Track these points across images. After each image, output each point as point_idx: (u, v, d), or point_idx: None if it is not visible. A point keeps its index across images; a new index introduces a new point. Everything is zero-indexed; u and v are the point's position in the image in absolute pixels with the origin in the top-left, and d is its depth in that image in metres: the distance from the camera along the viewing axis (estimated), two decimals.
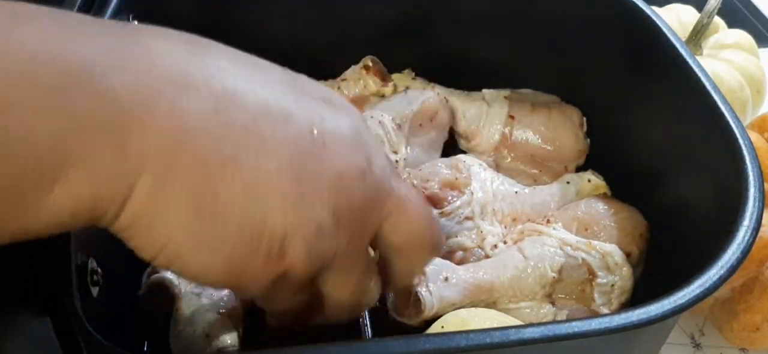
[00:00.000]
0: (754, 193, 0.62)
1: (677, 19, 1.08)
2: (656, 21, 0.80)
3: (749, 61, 1.02)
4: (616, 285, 0.74)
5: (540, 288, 0.74)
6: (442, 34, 0.97)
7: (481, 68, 0.99)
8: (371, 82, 0.97)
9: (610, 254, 0.75)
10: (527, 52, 0.96)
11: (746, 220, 0.60)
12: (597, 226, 0.78)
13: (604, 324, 0.54)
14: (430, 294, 0.69)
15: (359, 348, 0.52)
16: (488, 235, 0.80)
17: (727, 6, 1.07)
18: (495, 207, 0.83)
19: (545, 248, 0.76)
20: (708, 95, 0.71)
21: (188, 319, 0.66)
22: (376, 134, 0.89)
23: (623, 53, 0.86)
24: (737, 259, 0.58)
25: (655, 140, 0.82)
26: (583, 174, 0.89)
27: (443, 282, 0.71)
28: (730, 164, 0.66)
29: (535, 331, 0.53)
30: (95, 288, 0.59)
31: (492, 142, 0.94)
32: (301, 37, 0.97)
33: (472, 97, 0.98)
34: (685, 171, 0.75)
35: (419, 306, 0.69)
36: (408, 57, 1.01)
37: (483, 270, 0.74)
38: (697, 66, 0.74)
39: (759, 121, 0.90)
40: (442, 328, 0.68)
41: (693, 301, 0.55)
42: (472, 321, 0.69)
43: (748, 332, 0.80)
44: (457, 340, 0.52)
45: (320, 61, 1.00)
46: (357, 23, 0.97)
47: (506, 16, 0.94)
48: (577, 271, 0.75)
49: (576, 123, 0.93)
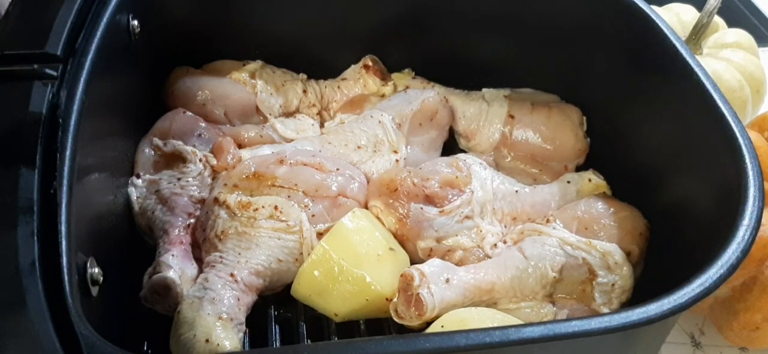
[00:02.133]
0: (754, 193, 0.62)
1: (677, 18, 1.08)
2: (656, 20, 0.80)
3: (749, 60, 1.02)
4: (616, 284, 0.74)
5: (541, 288, 0.74)
6: (442, 34, 0.97)
7: (481, 68, 0.99)
8: (371, 82, 0.97)
9: (610, 253, 0.75)
10: (527, 52, 0.96)
11: (746, 220, 0.60)
12: (597, 226, 0.78)
13: (603, 323, 0.54)
14: (432, 295, 0.69)
15: (359, 347, 0.52)
16: (488, 234, 0.80)
17: (727, 5, 1.07)
18: (495, 206, 0.83)
19: (546, 248, 0.76)
20: (708, 95, 0.71)
21: (189, 324, 0.66)
22: (375, 134, 0.90)
23: (623, 53, 0.86)
24: (737, 259, 0.58)
25: (655, 139, 0.82)
26: (583, 173, 0.89)
27: (444, 283, 0.71)
28: (730, 163, 0.66)
29: (535, 330, 0.53)
30: (95, 288, 0.59)
31: (492, 142, 0.94)
32: (302, 37, 0.97)
33: (472, 96, 0.98)
34: (685, 170, 0.75)
35: (421, 307, 0.69)
36: (408, 57, 1.01)
37: (484, 271, 0.74)
38: (697, 65, 0.74)
39: (759, 121, 0.90)
40: (441, 327, 0.69)
41: (693, 301, 0.55)
42: (471, 320, 0.69)
43: (748, 331, 0.80)
44: (457, 340, 0.52)
45: (320, 61, 1.00)
46: (357, 23, 0.97)
47: (506, 15, 0.94)
48: (577, 271, 0.75)
49: (576, 122, 0.93)
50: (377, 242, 0.76)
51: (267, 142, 0.89)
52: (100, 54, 0.68)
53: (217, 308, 0.68)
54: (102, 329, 0.51)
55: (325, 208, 0.78)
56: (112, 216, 0.73)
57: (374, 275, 0.73)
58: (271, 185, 0.78)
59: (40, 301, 0.50)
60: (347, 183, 0.81)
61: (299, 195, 0.78)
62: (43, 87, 0.62)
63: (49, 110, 0.61)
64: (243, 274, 0.72)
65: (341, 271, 0.73)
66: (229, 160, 0.83)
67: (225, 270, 0.72)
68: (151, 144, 0.83)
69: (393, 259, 0.76)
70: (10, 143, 0.59)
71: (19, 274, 0.51)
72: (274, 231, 0.75)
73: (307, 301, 0.75)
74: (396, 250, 0.78)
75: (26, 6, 0.70)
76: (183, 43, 0.93)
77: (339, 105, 0.98)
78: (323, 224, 0.78)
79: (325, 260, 0.74)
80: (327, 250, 0.74)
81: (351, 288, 0.73)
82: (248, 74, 0.94)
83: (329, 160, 0.83)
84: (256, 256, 0.74)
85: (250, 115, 0.94)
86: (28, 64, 0.64)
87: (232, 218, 0.76)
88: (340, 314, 0.74)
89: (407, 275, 0.71)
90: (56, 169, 0.57)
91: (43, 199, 0.56)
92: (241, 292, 0.71)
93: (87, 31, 0.70)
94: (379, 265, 0.74)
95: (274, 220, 0.76)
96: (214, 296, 0.69)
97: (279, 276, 0.75)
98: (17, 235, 0.53)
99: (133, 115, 0.84)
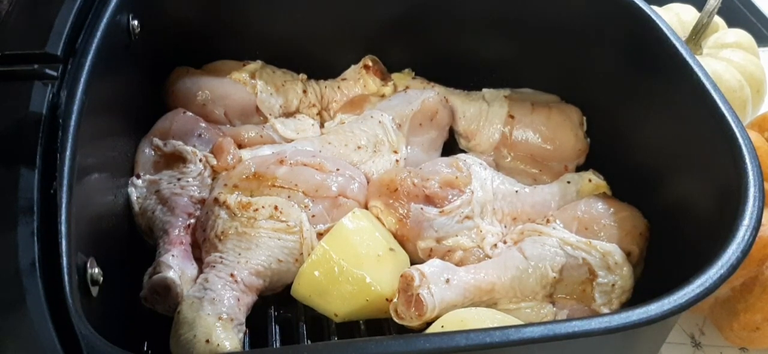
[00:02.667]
0: (754, 193, 0.62)
1: (677, 18, 1.08)
2: (656, 20, 0.80)
3: (749, 60, 1.02)
4: (616, 285, 0.74)
5: (541, 288, 0.74)
6: (442, 34, 0.97)
7: (481, 68, 0.99)
8: (371, 82, 0.97)
9: (610, 253, 0.75)
10: (527, 52, 0.96)
11: (746, 220, 0.60)
12: (597, 226, 0.78)
13: (603, 323, 0.54)
14: (432, 296, 0.69)
15: (359, 347, 0.52)
16: (488, 234, 0.80)
17: (727, 5, 1.07)
18: (495, 206, 0.83)
19: (546, 248, 0.76)
20: (708, 95, 0.71)
21: (189, 324, 0.66)
22: (376, 134, 0.90)
23: (623, 53, 0.86)
24: (737, 259, 0.58)
25: (655, 139, 0.82)
26: (583, 174, 0.89)
27: (444, 284, 0.71)
28: (730, 164, 0.66)
29: (535, 330, 0.53)
30: (95, 288, 0.59)
31: (492, 142, 0.94)
32: (302, 37, 0.97)
33: (472, 96, 0.98)
34: (685, 170, 0.75)
35: (421, 308, 0.69)
36: (408, 57, 1.01)
37: (484, 271, 0.74)
38: (697, 65, 0.74)
39: (759, 121, 0.89)
40: (441, 327, 0.69)
41: (693, 301, 0.55)
42: (471, 320, 0.69)
43: (748, 332, 0.80)
44: (457, 340, 0.52)
45: (320, 61, 1.00)
46: (357, 23, 0.97)
47: (506, 16, 0.94)
48: (577, 271, 0.75)
49: (576, 122, 0.93)
50: (377, 242, 0.76)
51: (267, 143, 0.89)
52: (101, 54, 0.68)
53: (218, 308, 0.68)
54: (102, 329, 0.51)
55: (325, 209, 0.78)
56: (112, 216, 0.73)
57: (374, 276, 0.73)
58: (271, 185, 0.78)
59: (40, 301, 0.50)
60: (347, 183, 0.81)
61: (299, 195, 0.78)
62: (44, 87, 0.63)
63: (49, 110, 0.61)
64: (243, 275, 0.72)
65: (341, 272, 0.73)
66: (230, 160, 0.83)
67: (225, 270, 0.72)
68: (151, 144, 0.83)
69: (393, 259, 0.76)
70: (10, 143, 0.59)
71: (19, 274, 0.51)
72: (274, 231, 0.75)
73: (307, 301, 0.75)
74: (396, 250, 0.78)
75: (26, 6, 0.70)
76: (183, 43, 0.93)
77: (339, 105, 0.98)
78: (323, 225, 0.78)
79: (326, 260, 0.74)
80: (327, 250, 0.74)
81: (351, 288, 0.73)
82: (248, 74, 0.94)
83: (329, 161, 0.83)
84: (256, 256, 0.74)
85: (250, 116, 0.94)
86: (28, 64, 0.64)
87: (232, 218, 0.76)
88: (340, 315, 0.74)
89: (407, 275, 0.71)
90: (56, 169, 0.57)
91: (43, 199, 0.56)
92: (241, 293, 0.71)
93: (87, 32, 0.70)
94: (380, 266, 0.74)
95: (274, 221, 0.76)
96: (215, 296, 0.69)
97: (279, 276, 0.75)
98: (17, 235, 0.53)
99: (133, 115, 0.84)
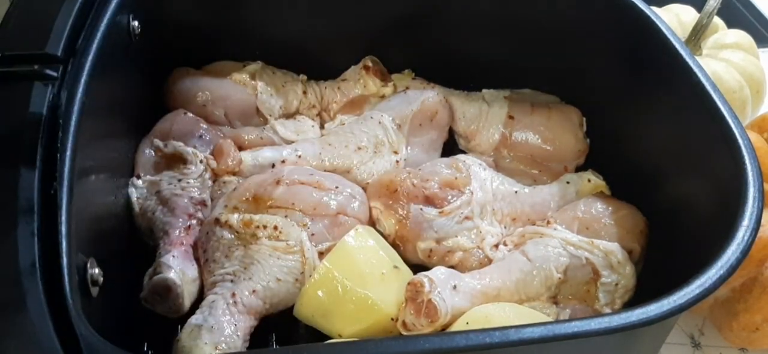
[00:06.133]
0: (754, 193, 0.62)
1: (677, 19, 1.08)
2: (656, 21, 0.80)
3: (749, 61, 1.02)
4: (620, 284, 0.74)
5: (545, 289, 0.74)
6: (442, 34, 0.97)
7: (481, 68, 0.99)
8: (371, 82, 0.97)
9: (612, 252, 0.75)
10: (527, 52, 0.96)
11: (746, 220, 0.60)
12: (597, 225, 0.78)
13: (603, 324, 0.54)
14: (444, 300, 0.68)
15: (359, 347, 0.52)
16: (488, 235, 0.80)
17: (726, 6, 1.07)
18: (495, 207, 0.83)
19: (549, 249, 0.76)
20: (708, 95, 0.71)
21: (192, 334, 0.66)
22: (376, 135, 0.90)
23: (623, 53, 0.86)
24: (737, 259, 0.58)
25: (655, 140, 0.82)
26: (583, 174, 0.89)
27: (452, 290, 0.70)
28: (729, 164, 0.66)
29: (535, 330, 0.53)
30: (95, 288, 0.59)
31: (492, 142, 0.93)
32: (302, 38, 0.97)
33: (472, 97, 0.98)
34: (685, 171, 0.75)
35: (433, 313, 0.67)
36: (408, 57, 1.01)
37: (489, 276, 0.74)
38: (697, 66, 0.74)
39: (759, 121, 0.90)
40: (466, 324, 0.67)
41: (693, 301, 0.55)
42: (496, 316, 0.68)
43: (747, 332, 0.80)
44: (457, 340, 0.52)
45: (320, 62, 1.00)
46: (357, 23, 0.97)
47: (506, 16, 0.94)
48: (581, 271, 0.75)
49: (576, 123, 0.93)
50: (381, 260, 0.74)
51: (267, 144, 0.89)
52: (101, 55, 0.68)
53: (216, 338, 0.67)
54: (102, 329, 0.51)
55: (326, 227, 0.77)
56: (112, 217, 0.73)
57: (379, 295, 0.71)
58: (269, 206, 0.76)
59: (40, 302, 0.50)
60: (347, 201, 0.79)
61: (297, 214, 0.76)
62: (44, 88, 0.62)
63: (50, 111, 0.61)
64: (243, 295, 0.71)
65: (345, 291, 0.70)
66: (230, 163, 0.83)
67: (227, 290, 0.71)
68: (151, 145, 0.83)
69: (398, 277, 0.73)
70: (11, 143, 0.59)
71: (19, 274, 0.51)
72: (275, 251, 0.74)
73: (310, 322, 0.73)
74: (400, 268, 0.75)
75: (26, 6, 0.70)
76: (183, 43, 0.93)
77: (339, 106, 0.98)
78: (324, 243, 0.76)
79: (329, 280, 0.71)
80: (330, 269, 0.72)
81: (355, 308, 0.70)
82: (248, 75, 0.94)
83: (328, 178, 0.81)
84: (257, 276, 0.72)
85: (250, 117, 0.94)
86: (28, 64, 0.64)
87: (234, 238, 0.75)
88: (345, 335, 0.71)
89: (416, 282, 0.69)
90: (56, 170, 0.57)
91: (43, 200, 0.56)
92: (240, 316, 0.70)
93: (87, 32, 0.70)
94: (384, 284, 0.72)
95: (274, 240, 0.74)
96: (213, 325, 0.68)
97: (279, 298, 0.74)
98: (17, 235, 0.53)
99: (134, 115, 0.84)
